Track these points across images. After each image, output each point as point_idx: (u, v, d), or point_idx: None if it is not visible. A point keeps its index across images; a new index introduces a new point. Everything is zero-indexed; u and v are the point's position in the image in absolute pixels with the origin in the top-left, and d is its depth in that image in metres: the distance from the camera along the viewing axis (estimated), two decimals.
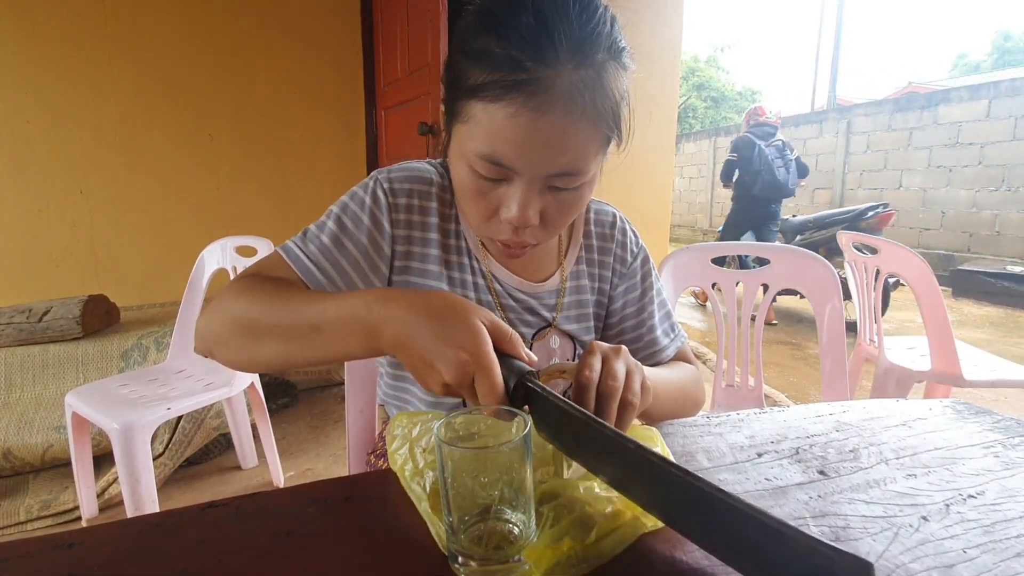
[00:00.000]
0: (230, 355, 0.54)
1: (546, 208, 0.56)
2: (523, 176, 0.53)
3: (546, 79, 0.49)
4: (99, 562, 0.38)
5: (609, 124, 0.54)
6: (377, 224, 0.64)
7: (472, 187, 0.56)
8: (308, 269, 0.60)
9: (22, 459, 1.69)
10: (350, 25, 2.70)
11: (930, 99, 6.44)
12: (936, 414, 0.66)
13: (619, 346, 0.51)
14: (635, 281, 0.77)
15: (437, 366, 0.41)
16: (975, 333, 4.02)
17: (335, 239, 0.62)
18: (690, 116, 20.17)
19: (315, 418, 2.25)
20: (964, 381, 1.57)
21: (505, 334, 0.43)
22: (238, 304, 0.53)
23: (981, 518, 0.45)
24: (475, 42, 0.51)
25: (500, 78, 0.49)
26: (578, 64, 0.50)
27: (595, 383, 0.47)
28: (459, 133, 0.55)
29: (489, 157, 0.52)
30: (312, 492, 0.48)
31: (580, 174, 0.54)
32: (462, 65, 0.53)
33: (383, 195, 0.65)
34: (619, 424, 0.47)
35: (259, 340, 0.51)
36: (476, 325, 0.42)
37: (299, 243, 0.62)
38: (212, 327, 0.54)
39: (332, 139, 2.75)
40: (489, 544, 0.37)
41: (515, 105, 0.49)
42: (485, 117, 0.51)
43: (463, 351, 0.40)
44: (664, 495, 0.38)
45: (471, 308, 0.43)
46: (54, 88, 2.24)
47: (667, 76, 3.04)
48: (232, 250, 1.72)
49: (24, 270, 2.31)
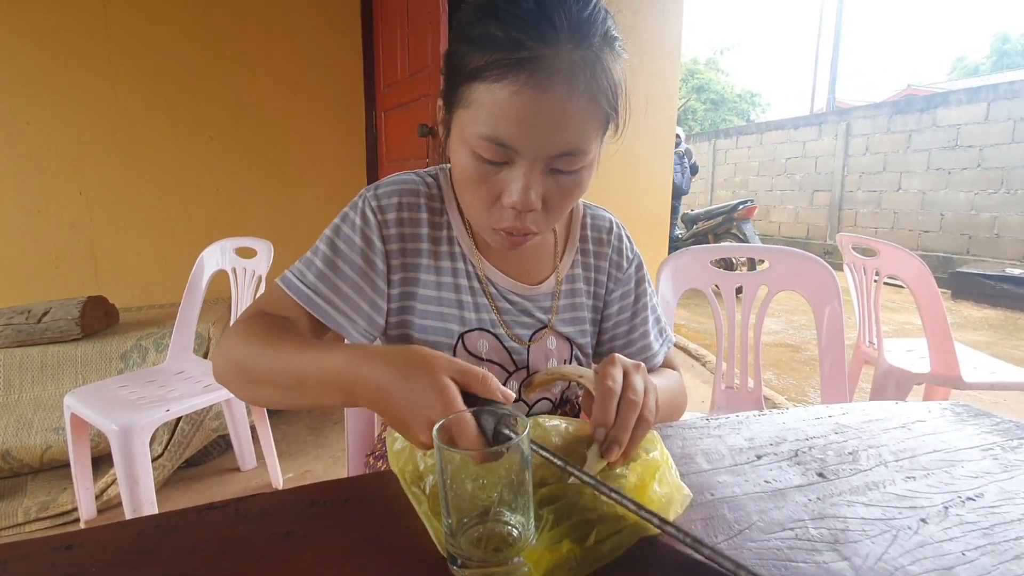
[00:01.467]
0: (237, 393, 0.58)
1: (547, 192, 0.57)
2: (525, 157, 0.54)
3: (547, 57, 0.50)
4: (97, 564, 0.38)
5: (609, 103, 0.55)
6: (369, 243, 0.65)
7: (474, 173, 0.57)
8: (310, 299, 0.62)
9: (21, 460, 1.68)
10: (350, 26, 2.70)
11: (929, 101, 6.45)
12: (935, 416, 0.66)
13: (638, 363, 0.52)
14: (630, 287, 0.78)
15: (412, 427, 0.42)
16: (974, 335, 4.03)
17: (330, 264, 0.63)
18: (690, 118, 20.20)
19: (314, 420, 2.25)
20: (963, 383, 1.57)
21: (476, 377, 0.43)
22: (239, 349, 0.56)
23: (980, 520, 0.45)
24: (475, 28, 0.53)
25: (502, 57, 0.50)
26: (577, 44, 0.51)
27: (617, 394, 0.47)
28: (460, 119, 0.56)
29: (492, 138, 0.53)
30: (311, 494, 0.48)
31: (581, 154, 0.55)
32: (462, 52, 0.54)
33: (371, 214, 0.66)
34: (633, 438, 0.47)
35: (256, 386, 0.54)
36: (441, 383, 0.42)
37: (297, 273, 0.64)
38: (220, 365, 0.57)
39: (332, 140, 2.75)
40: (488, 546, 0.37)
41: (517, 83, 0.50)
42: (488, 98, 0.52)
43: (431, 411, 0.41)
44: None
45: (435, 364, 0.43)
46: (54, 90, 2.24)
47: (666, 78, 3.04)
48: (231, 251, 1.72)
49: (23, 271, 2.31)
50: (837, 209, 7.49)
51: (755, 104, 22.08)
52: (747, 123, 17.37)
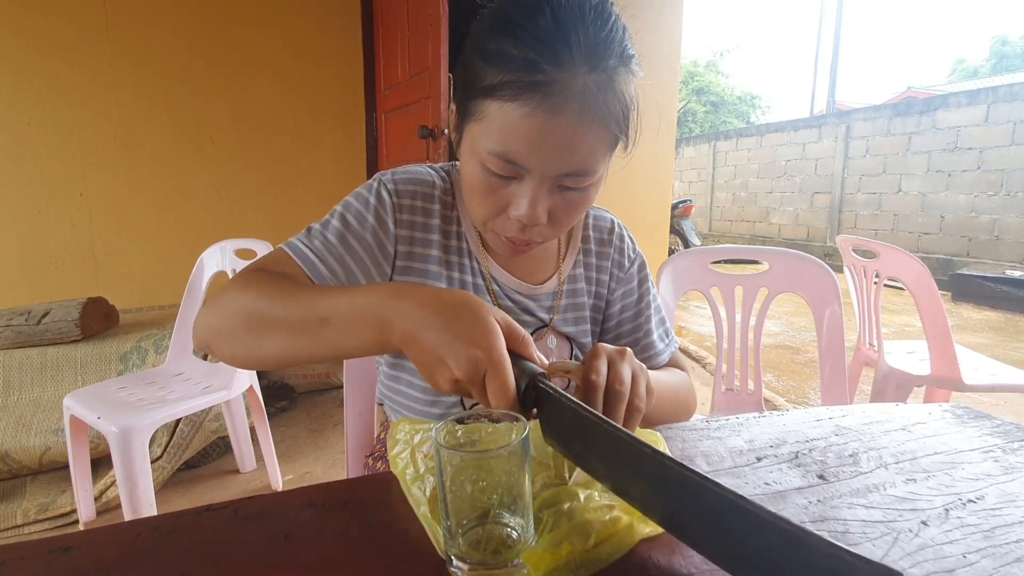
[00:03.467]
0: (231, 349, 0.52)
1: (554, 207, 0.57)
2: (534, 174, 0.54)
3: (561, 81, 0.50)
4: (95, 565, 0.38)
5: (619, 127, 0.55)
6: (381, 223, 0.64)
7: (482, 184, 0.57)
8: (313, 264, 0.60)
9: (19, 462, 1.68)
10: (350, 29, 2.71)
11: (929, 104, 6.46)
12: (936, 418, 0.66)
13: (624, 348, 0.51)
14: (632, 286, 0.78)
15: (448, 361, 0.41)
16: (974, 337, 4.02)
17: (340, 236, 0.62)
18: (690, 120, 20.22)
19: (314, 421, 2.25)
20: (964, 385, 1.57)
21: (518, 335, 0.43)
22: (243, 297, 0.52)
23: (981, 523, 0.45)
24: (491, 43, 0.53)
25: (516, 79, 0.50)
26: (591, 68, 0.51)
27: (603, 386, 0.47)
28: (472, 131, 0.56)
29: (502, 155, 0.53)
30: (310, 495, 0.47)
31: (589, 174, 0.56)
32: (477, 65, 0.54)
33: (388, 195, 0.65)
34: (625, 428, 0.47)
35: (263, 333, 0.50)
36: (490, 323, 0.41)
37: (304, 239, 0.62)
38: (213, 321, 0.53)
39: (332, 142, 2.76)
40: (487, 548, 0.37)
41: (530, 105, 0.50)
42: (500, 116, 0.52)
43: (476, 347, 0.40)
44: (681, 501, 0.37)
45: (485, 306, 0.43)
46: (54, 91, 2.24)
47: (666, 80, 3.05)
48: (231, 253, 1.72)
49: (23, 272, 2.31)
50: (837, 211, 7.49)
51: (755, 106, 22.10)
52: (747, 125, 17.39)
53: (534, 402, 0.43)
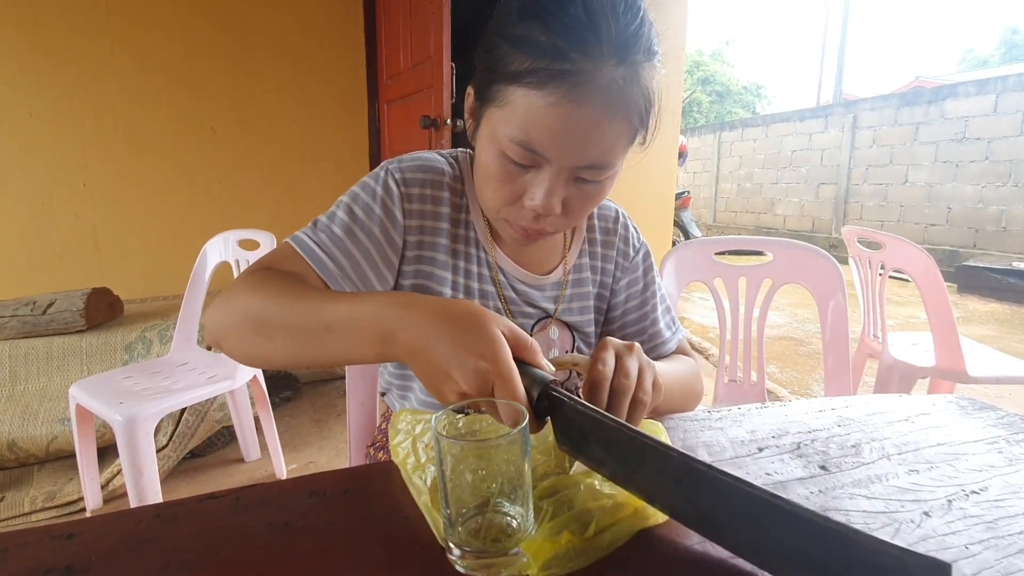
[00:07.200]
0: (239, 349, 0.52)
1: (569, 198, 0.57)
2: (552, 164, 0.54)
3: (588, 72, 0.50)
4: (97, 552, 0.39)
5: (640, 122, 0.55)
6: (389, 215, 0.64)
7: (499, 172, 0.57)
8: (320, 260, 0.60)
9: (27, 451, 1.70)
10: (352, 18, 2.69)
11: (937, 93, 6.39)
12: (939, 410, 0.65)
13: (633, 343, 0.51)
14: (637, 275, 0.78)
15: (454, 375, 0.40)
16: (980, 329, 4.00)
17: (347, 229, 0.62)
18: (695, 110, 20.07)
19: (318, 411, 2.26)
20: (968, 377, 1.57)
21: (524, 343, 0.43)
22: (250, 299, 0.52)
23: (984, 514, 0.45)
24: (518, 28, 0.51)
25: (544, 66, 0.50)
26: (619, 61, 0.51)
27: (608, 380, 0.47)
28: (492, 117, 0.55)
29: (523, 143, 0.53)
30: (311, 484, 0.48)
31: (607, 168, 0.56)
32: (502, 49, 0.53)
33: (395, 185, 0.64)
34: (629, 422, 0.46)
35: (270, 337, 0.50)
36: (495, 333, 0.40)
37: (310, 233, 0.62)
38: (222, 319, 0.53)
39: (334, 132, 2.75)
40: (487, 537, 0.37)
41: (556, 95, 0.50)
42: (524, 103, 0.51)
43: (482, 359, 0.39)
44: (714, 503, 0.36)
45: (490, 317, 0.42)
46: (57, 82, 2.24)
47: (671, 70, 3.01)
48: (234, 243, 1.72)
49: (28, 263, 2.32)
50: (843, 202, 7.44)
51: (760, 96, 21.92)
52: (752, 115, 17.24)
53: (547, 410, 0.42)
